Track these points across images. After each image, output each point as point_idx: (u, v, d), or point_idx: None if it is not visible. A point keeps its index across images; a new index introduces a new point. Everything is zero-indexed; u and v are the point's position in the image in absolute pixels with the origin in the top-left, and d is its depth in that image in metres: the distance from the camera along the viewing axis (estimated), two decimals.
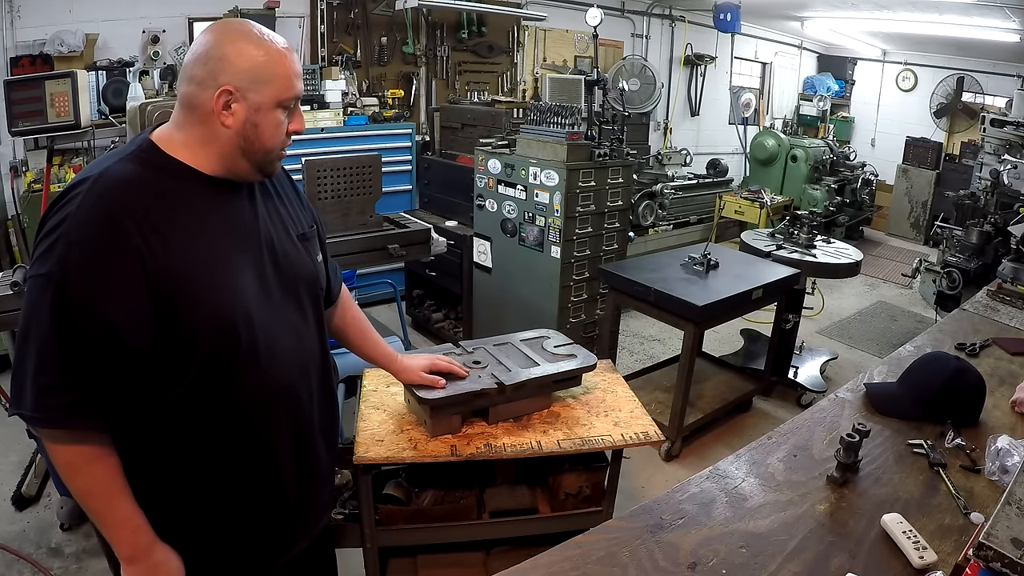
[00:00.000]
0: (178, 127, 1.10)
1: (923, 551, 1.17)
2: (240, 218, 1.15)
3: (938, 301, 4.15)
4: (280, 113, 1.10)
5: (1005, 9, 5.18)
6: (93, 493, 1.07)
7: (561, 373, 1.82)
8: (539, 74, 6.08)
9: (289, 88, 1.09)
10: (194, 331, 1.06)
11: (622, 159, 3.58)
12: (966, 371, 1.73)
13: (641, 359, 4.25)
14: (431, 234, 2.89)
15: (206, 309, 1.06)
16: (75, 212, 0.99)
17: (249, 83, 1.05)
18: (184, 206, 1.07)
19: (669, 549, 1.20)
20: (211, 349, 1.08)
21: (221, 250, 1.10)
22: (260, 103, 1.07)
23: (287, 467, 1.24)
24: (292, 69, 1.09)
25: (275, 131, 1.11)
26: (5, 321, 1.96)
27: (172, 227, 1.04)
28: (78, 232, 0.98)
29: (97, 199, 0.99)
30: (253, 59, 1.05)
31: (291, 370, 1.21)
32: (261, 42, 1.06)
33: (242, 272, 1.12)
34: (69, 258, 0.97)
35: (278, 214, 1.24)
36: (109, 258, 0.98)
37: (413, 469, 1.89)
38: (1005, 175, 4.44)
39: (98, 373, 1.01)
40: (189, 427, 1.11)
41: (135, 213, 1.00)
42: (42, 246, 1.01)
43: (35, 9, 3.69)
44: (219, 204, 1.12)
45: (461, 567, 1.98)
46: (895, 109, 8.57)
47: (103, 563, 2.29)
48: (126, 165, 1.05)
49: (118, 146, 3.54)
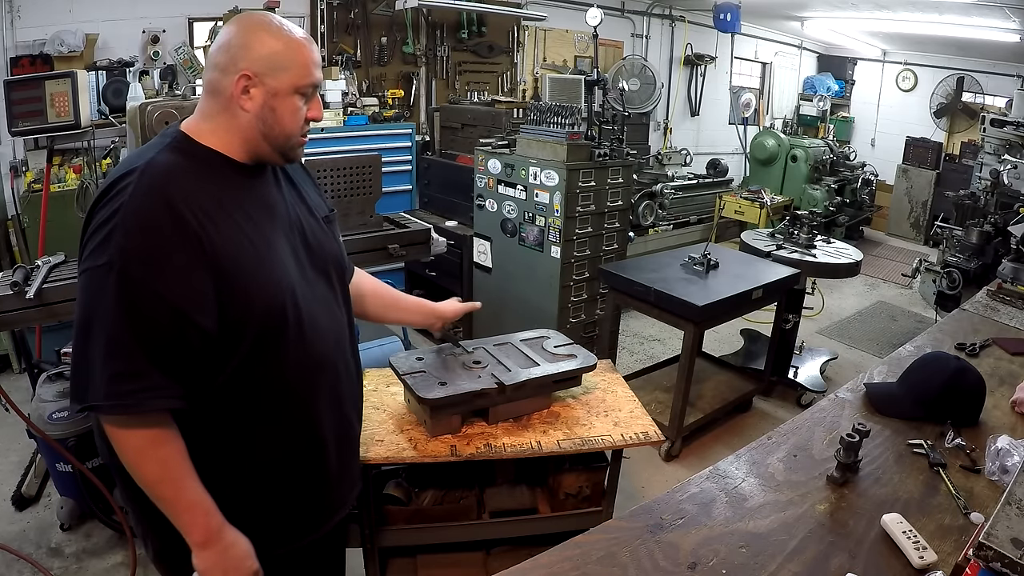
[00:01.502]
0: (204, 116, 1.15)
1: (923, 551, 1.17)
2: (271, 201, 1.21)
3: (938, 301, 4.14)
4: (297, 99, 1.14)
5: (1005, 9, 5.18)
6: (164, 479, 1.08)
7: (561, 373, 1.82)
8: (539, 74, 6.08)
9: (306, 75, 1.13)
10: (248, 309, 1.10)
11: (622, 159, 3.58)
12: (966, 371, 1.73)
13: (641, 359, 4.25)
14: (431, 234, 2.88)
15: (257, 287, 1.11)
16: (128, 202, 1.02)
17: (267, 69, 1.10)
18: (225, 191, 1.12)
19: (669, 549, 1.20)
20: (262, 325, 1.12)
21: (263, 231, 1.15)
22: (277, 88, 1.11)
23: (329, 436, 1.29)
24: (310, 58, 1.14)
25: (293, 116, 1.15)
26: (5, 321, 1.96)
27: (219, 210, 1.08)
28: (135, 220, 1.01)
29: (150, 187, 1.03)
30: (271, 47, 1.10)
31: (329, 343, 1.26)
32: (280, 31, 1.11)
33: (282, 251, 1.18)
34: (128, 246, 1.00)
35: (302, 199, 1.30)
36: (171, 242, 1.02)
37: (413, 469, 1.89)
38: (1005, 175, 4.44)
39: (168, 356, 1.03)
40: (239, 403, 1.15)
41: (187, 198, 1.04)
42: (96, 238, 1.03)
43: (35, 9, 3.69)
44: (252, 188, 1.17)
45: (461, 567, 1.98)
46: (895, 109, 8.57)
47: (103, 563, 2.30)
48: (167, 155, 1.09)
49: (118, 146, 3.53)
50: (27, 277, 1.97)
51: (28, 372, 2.96)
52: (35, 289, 1.89)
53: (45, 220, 3.31)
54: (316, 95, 1.19)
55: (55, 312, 1.98)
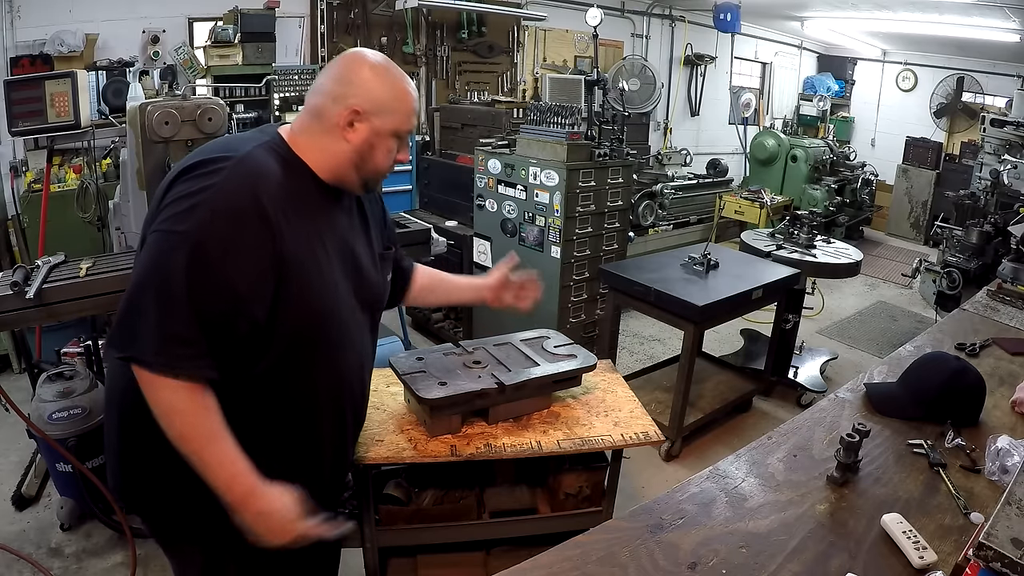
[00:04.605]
0: (303, 132, 1.23)
1: (923, 551, 1.17)
2: (340, 224, 1.29)
3: (938, 301, 4.14)
4: (394, 141, 1.25)
5: (1005, 9, 5.18)
6: (193, 436, 1.10)
7: (561, 373, 1.82)
8: (539, 74, 6.08)
9: (407, 123, 1.25)
10: (296, 313, 1.16)
11: (622, 159, 3.58)
12: (966, 371, 1.73)
13: (641, 359, 4.25)
14: (431, 234, 2.89)
15: (311, 295, 1.18)
16: (222, 184, 1.08)
17: (376, 109, 1.20)
18: (303, 201, 1.19)
19: (669, 549, 1.20)
20: (302, 332, 1.19)
21: (326, 248, 1.23)
22: (381, 128, 1.22)
23: (328, 450, 1.35)
24: (413, 108, 1.26)
25: (387, 155, 1.25)
26: (5, 321, 1.95)
27: (296, 216, 1.15)
28: (225, 202, 1.07)
29: (245, 177, 1.10)
30: (384, 91, 1.21)
31: (354, 365, 1.34)
32: (396, 79, 1.23)
33: (336, 272, 1.25)
34: (213, 224, 1.06)
35: (366, 230, 1.39)
36: (250, 232, 1.08)
37: (413, 469, 1.88)
38: (1005, 175, 4.45)
39: (218, 334, 1.09)
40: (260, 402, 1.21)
41: (274, 197, 1.11)
42: (179, 206, 1.08)
43: (35, 9, 3.69)
44: (327, 207, 1.26)
45: (461, 567, 1.98)
46: (895, 109, 8.57)
47: (103, 563, 2.30)
48: (265, 153, 1.16)
49: (118, 146, 3.53)
50: (27, 277, 1.97)
51: (28, 372, 2.97)
52: (35, 289, 1.89)
53: (45, 220, 3.31)
54: (407, 140, 1.30)
55: (55, 312, 1.98)
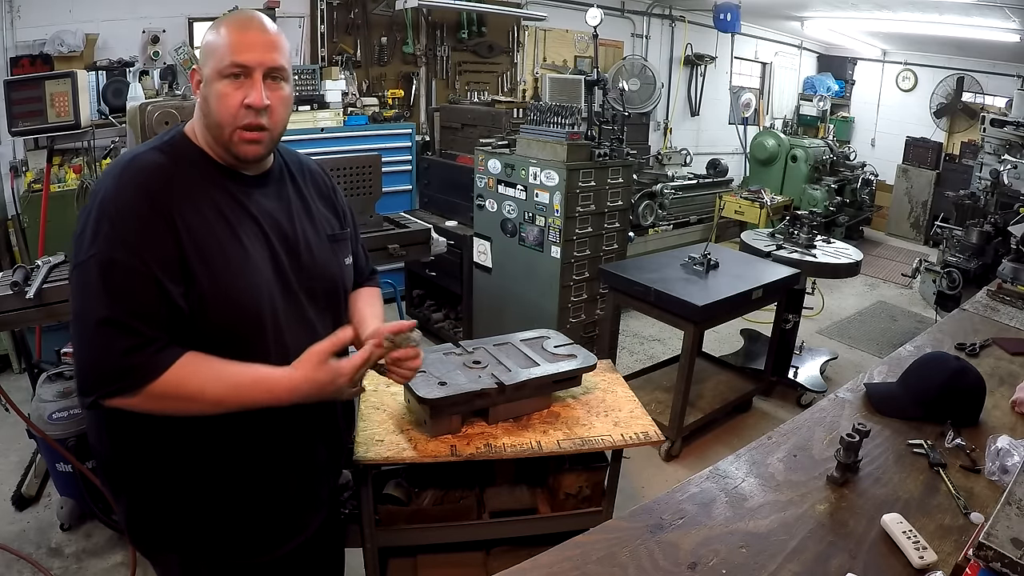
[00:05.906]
0: (195, 119, 1.16)
1: (923, 551, 1.17)
2: (260, 208, 1.18)
3: (938, 301, 4.14)
4: (223, 84, 1.08)
5: (1005, 9, 5.18)
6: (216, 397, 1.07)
7: (561, 373, 1.82)
8: (539, 74, 6.08)
9: (224, 56, 1.07)
10: (211, 303, 1.08)
11: (622, 159, 3.58)
12: (966, 371, 1.73)
13: (641, 359, 4.25)
14: (431, 234, 2.88)
15: (223, 287, 1.09)
16: (109, 187, 1.06)
17: (203, 59, 1.11)
18: (200, 188, 1.11)
19: (669, 549, 1.20)
20: (227, 326, 1.11)
21: (238, 233, 1.13)
22: (207, 76, 1.10)
23: (288, 460, 1.25)
24: (236, 39, 1.07)
25: (219, 102, 1.08)
26: (5, 321, 1.96)
27: (192, 205, 1.08)
28: (114, 207, 1.04)
29: (129, 180, 1.06)
30: (208, 37, 1.11)
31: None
32: (223, 22, 1.11)
33: (259, 261, 1.15)
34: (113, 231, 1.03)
35: (307, 211, 1.27)
36: (143, 214, 1.04)
37: (413, 469, 1.88)
38: (1005, 175, 4.44)
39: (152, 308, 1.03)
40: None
41: (162, 191, 1.06)
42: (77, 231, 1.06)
43: (35, 9, 3.68)
44: (237, 191, 1.16)
45: (461, 567, 1.98)
46: (895, 109, 8.57)
47: (103, 563, 2.30)
48: (151, 153, 1.12)
49: (118, 146, 3.53)
50: (27, 277, 1.97)
51: (28, 372, 2.97)
52: (35, 289, 1.89)
53: (45, 220, 3.31)
54: (255, 78, 1.08)
55: (55, 312, 1.98)
